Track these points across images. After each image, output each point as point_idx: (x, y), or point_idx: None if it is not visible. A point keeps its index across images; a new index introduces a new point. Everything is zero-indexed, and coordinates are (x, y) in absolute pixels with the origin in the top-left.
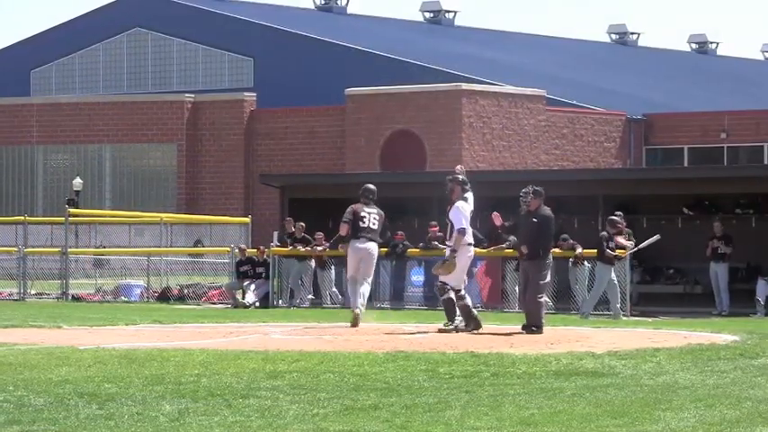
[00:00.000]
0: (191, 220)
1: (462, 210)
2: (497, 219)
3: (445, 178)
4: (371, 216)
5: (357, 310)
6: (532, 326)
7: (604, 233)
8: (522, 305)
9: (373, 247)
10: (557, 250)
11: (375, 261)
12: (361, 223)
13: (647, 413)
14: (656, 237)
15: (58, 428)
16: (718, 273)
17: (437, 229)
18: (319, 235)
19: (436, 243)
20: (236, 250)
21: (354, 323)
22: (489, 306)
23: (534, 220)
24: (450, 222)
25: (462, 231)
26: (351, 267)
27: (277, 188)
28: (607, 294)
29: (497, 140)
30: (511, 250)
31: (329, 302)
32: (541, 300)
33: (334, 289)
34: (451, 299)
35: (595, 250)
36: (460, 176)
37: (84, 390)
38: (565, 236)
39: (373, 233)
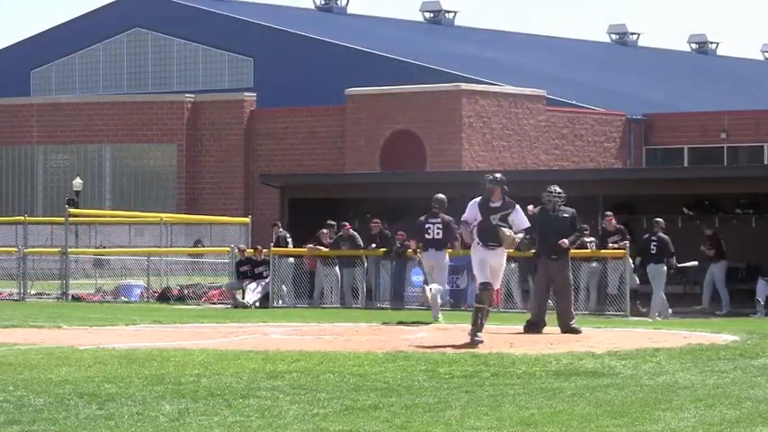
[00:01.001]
0: (191, 221)
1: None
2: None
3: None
4: (435, 226)
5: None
6: (571, 325)
7: (663, 235)
8: (556, 307)
9: (439, 255)
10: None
11: (445, 267)
12: (426, 236)
13: (647, 413)
14: (695, 263)
15: (58, 428)
16: (714, 273)
17: None
18: (325, 231)
19: None
20: (236, 250)
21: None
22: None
23: (565, 215)
24: (515, 222)
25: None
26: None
27: (277, 188)
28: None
29: (497, 140)
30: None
31: (331, 302)
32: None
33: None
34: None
35: (594, 250)
36: (498, 175)
37: (84, 390)
38: (584, 226)
39: (438, 242)
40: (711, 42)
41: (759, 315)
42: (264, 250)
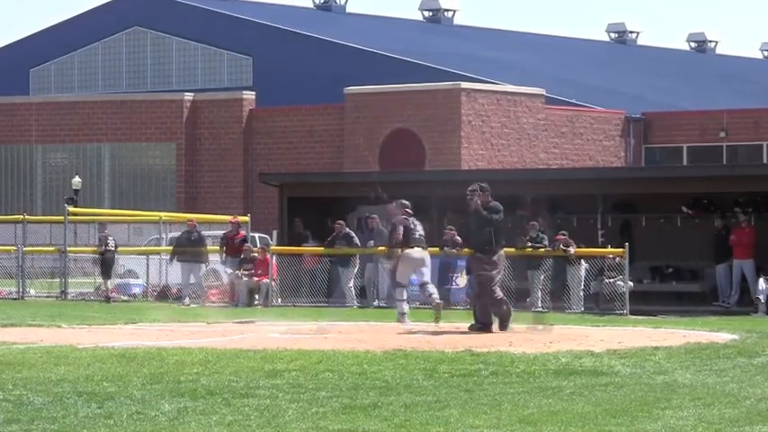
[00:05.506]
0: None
1: None
2: None
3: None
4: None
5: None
6: (480, 323)
7: None
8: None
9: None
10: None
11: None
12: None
13: (647, 412)
14: None
15: (58, 427)
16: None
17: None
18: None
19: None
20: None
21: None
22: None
23: (485, 213)
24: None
25: None
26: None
27: (276, 187)
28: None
29: (496, 139)
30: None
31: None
32: (496, 296)
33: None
34: None
35: (593, 249)
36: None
37: (83, 389)
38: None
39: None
40: (710, 41)
41: (760, 314)
42: (266, 248)
